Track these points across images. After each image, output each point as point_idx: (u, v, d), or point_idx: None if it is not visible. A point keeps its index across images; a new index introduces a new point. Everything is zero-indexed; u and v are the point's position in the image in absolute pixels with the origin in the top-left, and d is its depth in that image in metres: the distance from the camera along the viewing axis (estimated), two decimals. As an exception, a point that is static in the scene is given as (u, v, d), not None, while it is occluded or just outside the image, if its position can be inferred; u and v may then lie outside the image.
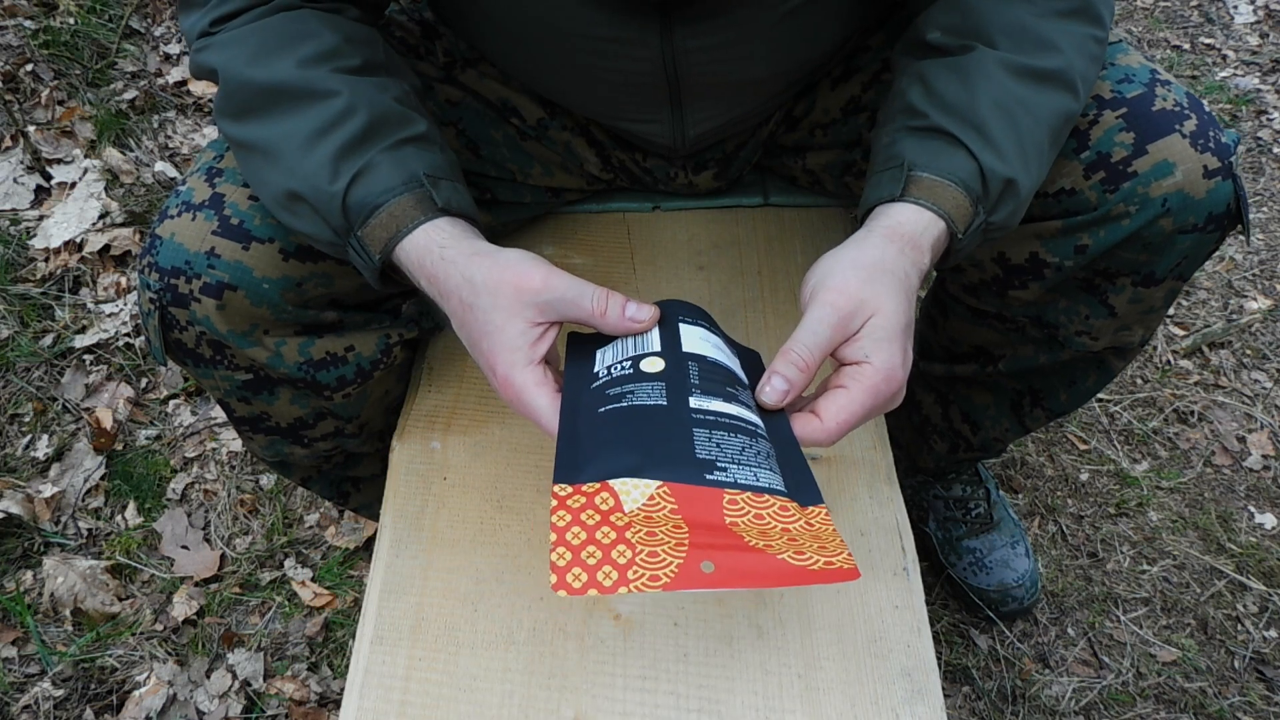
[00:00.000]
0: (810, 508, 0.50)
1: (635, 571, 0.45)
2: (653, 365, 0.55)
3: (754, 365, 0.62)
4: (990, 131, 0.59)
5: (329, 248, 0.64)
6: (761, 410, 0.56)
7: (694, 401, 0.53)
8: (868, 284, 0.55)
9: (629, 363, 0.56)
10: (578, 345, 0.61)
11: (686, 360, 0.56)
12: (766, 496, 0.49)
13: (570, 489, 0.50)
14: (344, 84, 0.62)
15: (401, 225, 0.59)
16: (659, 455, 0.50)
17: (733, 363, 0.59)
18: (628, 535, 0.47)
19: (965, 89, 0.61)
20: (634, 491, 0.48)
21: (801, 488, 0.51)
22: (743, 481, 0.49)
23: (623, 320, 0.56)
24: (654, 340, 0.57)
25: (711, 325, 0.61)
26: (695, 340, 0.58)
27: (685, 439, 0.51)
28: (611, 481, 0.49)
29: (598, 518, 0.48)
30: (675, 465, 0.49)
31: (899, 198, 0.59)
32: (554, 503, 0.49)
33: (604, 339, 0.59)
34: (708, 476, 0.49)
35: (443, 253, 0.58)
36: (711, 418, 0.52)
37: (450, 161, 0.66)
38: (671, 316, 0.59)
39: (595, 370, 0.57)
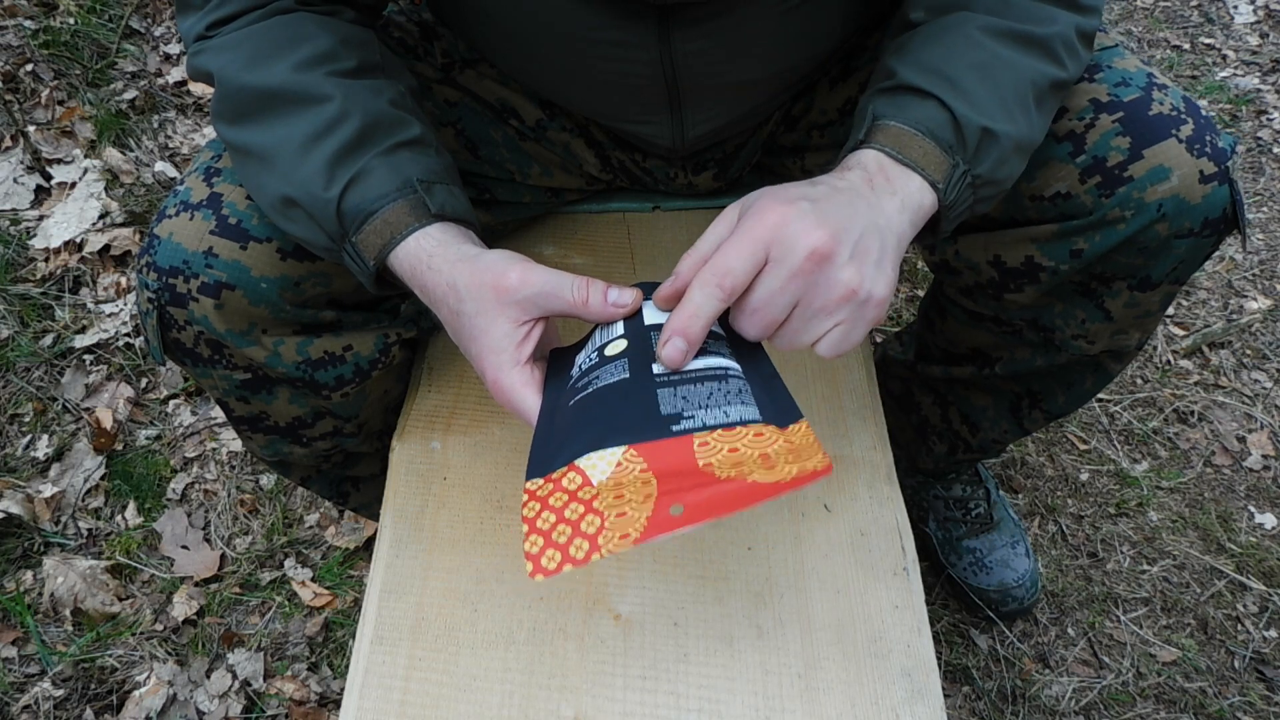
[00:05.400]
0: (790, 426, 0.50)
1: (605, 536, 0.45)
2: (615, 348, 0.56)
3: None
4: (963, 83, 0.58)
5: (324, 253, 0.64)
6: (738, 351, 0.56)
7: (657, 367, 0.53)
8: (767, 188, 0.55)
9: (595, 354, 0.56)
10: (558, 356, 0.61)
11: (649, 332, 0.56)
12: (739, 428, 0.49)
13: (540, 480, 0.50)
14: (337, 88, 0.62)
15: (395, 232, 0.59)
16: (622, 422, 0.50)
17: None
18: (595, 505, 0.47)
19: (940, 47, 0.60)
20: (600, 464, 0.48)
21: (781, 411, 0.51)
22: (711, 422, 0.49)
23: (605, 306, 0.56)
24: (618, 327, 0.57)
25: None
26: (659, 313, 0.58)
27: (649, 401, 0.51)
28: (578, 461, 0.49)
29: (565, 498, 0.48)
30: (639, 427, 0.49)
31: (861, 142, 0.59)
32: (524, 497, 0.49)
33: (581, 345, 0.60)
34: (674, 428, 0.49)
35: (430, 262, 0.59)
36: (676, 377, 0.52)
37: (445, 164, 0.66)
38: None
39: (571, 372, 0.58)
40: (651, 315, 0.57)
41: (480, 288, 0.56)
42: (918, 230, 0.58)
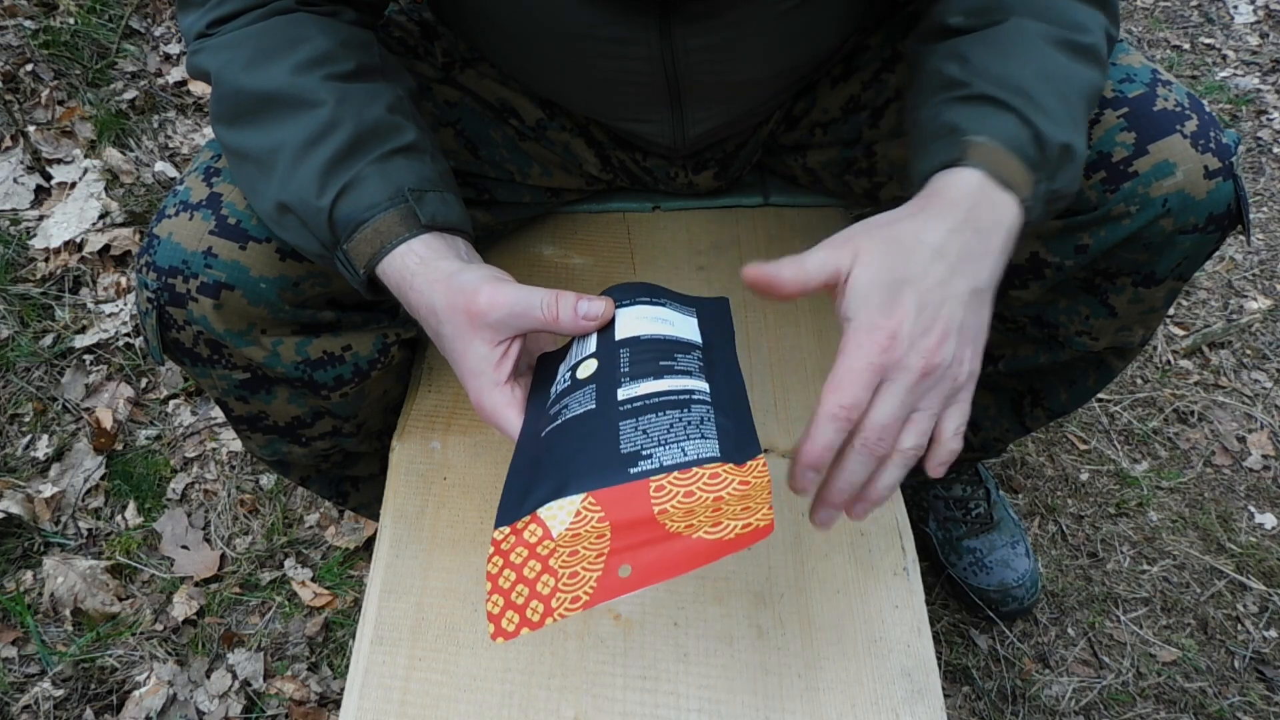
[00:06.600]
0: (747, 463, 0.49)
1: (558, 599, 0.46)
2: (586, 369, 0.55)
3: (720, 313, 0.61)
4: (1038, 96, 0.57)
5: (317, 259, 0.64)
6: (708, 361, 0.55)
7: (622, 393, 0.52)
8: (863, 232, 0.53)
9: (569, 374, 0.56)
10: (544, 364, 0.60)
11: (619, 350, 0.55)
12: (693, 470, 0.48)
13: (507, 530, 0.50)
14: (332, 93, 0.62)
15: (385, 242, 0.59)
16: (583, 465, 0.50)
17: (678, 328, 0.58)
18: (550, 563, 0.47)
19: (1006, 58, 0.59)
20: (560, 514, 0.48)
21: (741, 444, 0.51)
22: (669, 463, 0.49)
23: (576, 320, 0.56)
24: (591, 342, 0.57)
25: (654, 297, 0.60)
26: (631, 321, 0.57)
27: (610, 438, 0.50)
28: (539, 511, 0.49)
29: (525, 553, 0.48)
30: (598, 470, 0.49)
31: (960, 162, 0.56)
32: (490, 550, 0.50)
33: (564, 354, 0.59)
34: (631, 470, 0.49)
35: (413, 280, 0.59)
36: (639, 403, 0.52)
37: (440, 170, 0.65)
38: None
39: (550, 390, 0.57)
40: (625, 327, 0.56)
41: (454, 311, 0.56)
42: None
